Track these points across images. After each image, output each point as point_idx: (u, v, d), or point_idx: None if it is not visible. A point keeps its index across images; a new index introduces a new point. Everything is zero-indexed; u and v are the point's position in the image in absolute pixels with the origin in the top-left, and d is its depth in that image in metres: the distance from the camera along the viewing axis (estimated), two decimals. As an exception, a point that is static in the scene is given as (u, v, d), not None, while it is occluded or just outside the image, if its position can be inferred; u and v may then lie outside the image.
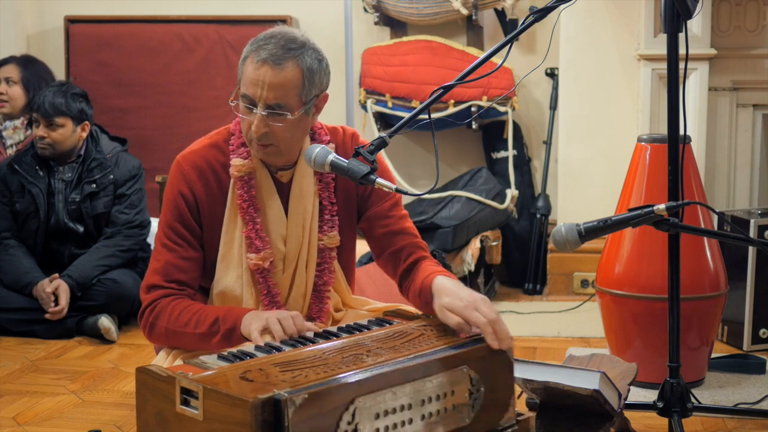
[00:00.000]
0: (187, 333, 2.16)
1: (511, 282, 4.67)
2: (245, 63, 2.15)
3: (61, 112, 3.83)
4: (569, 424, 2.29)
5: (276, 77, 2.11)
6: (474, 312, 1.96)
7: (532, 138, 4.80)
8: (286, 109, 2.13)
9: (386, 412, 1.75)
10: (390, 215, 2.32)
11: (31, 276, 3.80)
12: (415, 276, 2.23)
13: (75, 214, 3.89)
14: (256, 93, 2.12)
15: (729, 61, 4.23)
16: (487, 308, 1.97)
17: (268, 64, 2.11)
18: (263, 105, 2.12)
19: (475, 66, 2.23)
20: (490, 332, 1.94)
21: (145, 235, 4.02)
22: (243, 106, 2.16)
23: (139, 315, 2.26)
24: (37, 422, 2.83)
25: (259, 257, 2.24)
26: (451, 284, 2.08)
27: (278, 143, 2.17)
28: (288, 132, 2.17)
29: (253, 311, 2.13)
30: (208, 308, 2.19)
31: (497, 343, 1.94)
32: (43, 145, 3.85)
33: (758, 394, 2.96)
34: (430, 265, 2.25)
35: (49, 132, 3.83)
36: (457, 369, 1.88)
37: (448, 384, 1.86)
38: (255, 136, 2.15)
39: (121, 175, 3.95)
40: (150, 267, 2.26)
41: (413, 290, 2.22)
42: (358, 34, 4.73)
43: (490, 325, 1.94)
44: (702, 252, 3.03)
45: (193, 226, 2.25)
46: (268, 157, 2.21)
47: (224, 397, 1.64)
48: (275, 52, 2.11)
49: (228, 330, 2.12)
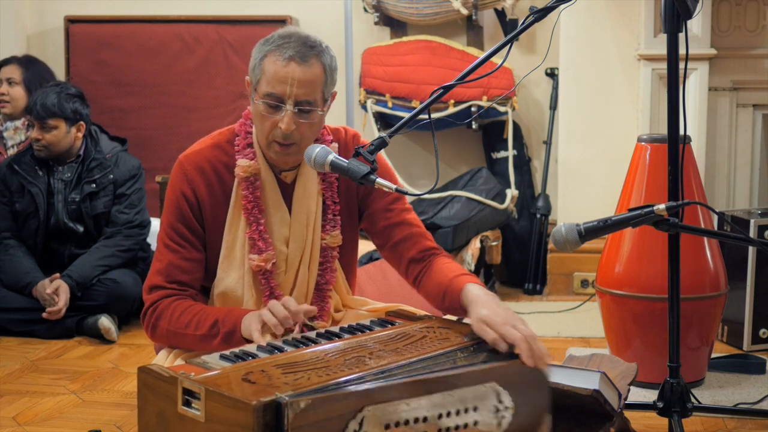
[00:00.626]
0: (187, 335, 2.16)
1: (511, 282, 4.67)
2: (264, 62, 2.14)
3: (53, 113, 3.82)
4: (569, 424, 2.29)
5: (305, 74, 2.12)
6: (511, 329, 1.93)
7: (532, 138, 4.80)
8: (314, 105, 2.15)
9: (398, 424, 1.71)
10: (391, 208, 2.31)
11: (31, 276, 3.80)
12: (432, 271, 2.21)
13: (75, 214, 3.89)
14: (285, 90, 2.11)
15: (729, 61, 4.23)
16: (523, 326, 1.95)
17: (295, 61, 2.11)
18: (293, 102, 2.12)
19: (475, 66, 2.23)
20: (526, 349, 1.91)
21: (145, 234, 4.02)
22: (266, 106, 2.14)
23: (141, 315, 2.26)
24: (37, 422, 2.83)
25: (262, 258, 2.24)
26: (486, 297, 2.05)
27: (301, 142, 2.17)
28: (312, 129, 2.18)
29: (252, 312, 2.13)
30: (209, 310, 2.18)
31: (532, 361, 1.91)
32: (39, 147, 3.86)
33: (758, 394, 2.97)
34: (449, 262, 2.22)
35: (43, 134, 3.83)
36: (483, 384, 1.83)
37: (472, 399, 1.81)
38: (283, 134, 2.14)
39: (121, 175, 3.94)
40: (152, 267, 2.26)
41: (433, 286, 2.19)
42: (358, 34, 4.73)
43: (526, 342, 1.91)
44: (702, 252, 3.03)
45: (195, 226, 2.24)
46: (288, 157, 2.20)
47: (226, 399, 1.63)
48: (300, 49, 2.12)
49: (228, 333, 2.11)
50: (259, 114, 2.17)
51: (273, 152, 2.20)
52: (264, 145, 2.21)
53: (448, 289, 2.13)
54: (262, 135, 2.19)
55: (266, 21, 4.71)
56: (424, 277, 2.24)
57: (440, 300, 2.17)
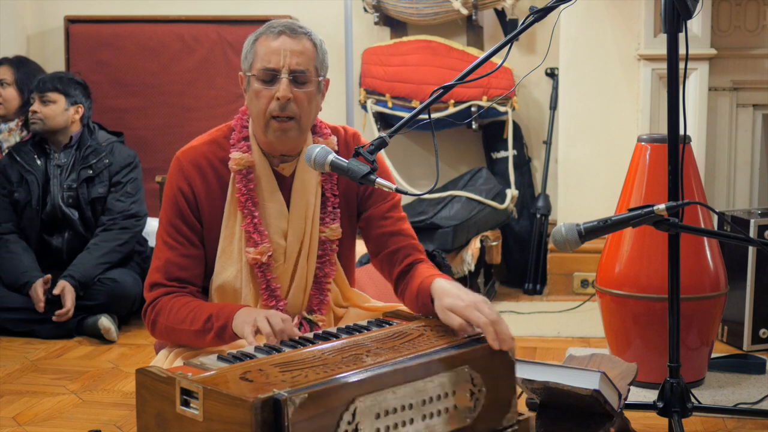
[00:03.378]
0: (183, 330, 2.17)
1: (511, 282, 4.67)
2: (256, 44, 2.22)
3: (55, 87, 3.92)
4: (569, 424, 2.29)
5: (296, 44, 2.19)
6: (475, 312, 1.97)
7: (532, 138, 4.80)
8: (308, 75, 2.19)
9: (387, 412, 1.75)
10: (388, 216, 2.32)
11: (28, 275, 3.80)
12: (411, 279, 2.23)
13: (71, 200, 3.90)
14: (279, 61, 2.17)
15: (729, 61, 4.23)
16: (488, 309, 1.98)
17: (285, 34, 2.20)
18: (287, 70, 2.17)
19: (475, 66, 2.23)
20: (492, 332, 1.95)
21: (141, 226, 4.03)
22: (260, 81, 2.19)
23: (142, 313, 2.27)
24: (37, 422, 2.83)
25: (257, 251, 2.24)
26: (451, 286, 2.08)
27: (299, 115, 2.19)
28: (308, 102, 2.20)
29: (245, 309, 2.13)
30: (205, 305, 2.19)
31: (498, 344, 1.95)
32: (34, 119, 3.91)
33: (758, 394, 2.96)
34: (427, 267, 2.25)
35: (41, 107, 3.90)
36: (458, 369, 1.88)
37: (449, 384, 1.86)
38: (279, 104, 2.16)
39: (117, 162, 3.97)
40: (152, 265, 2.27)
41: (410, 292, 2.21)
42: (358, 34, 4.73)
43: (492, 326, 1.95)
44: (702, 252, 3.03)
45: (192, 222, 2.25)
46: (286, 135, 2.20)
47: (224, 398, 1.64)
48: (289, 26, 2.22)
49: (220, 327, 2.12)
50: (254, 93, 2.20)
51: (271, 131, 2.20)
52: (262, 128, 2.21)
53: (420, 290, 2.15)
54: (259, 115, 2.21)
55: (266, 21, 4.69)
56: (405, 286, 2.26)
57: (417, 303, 2.18)
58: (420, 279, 2.18)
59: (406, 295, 2.25)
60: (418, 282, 2.18)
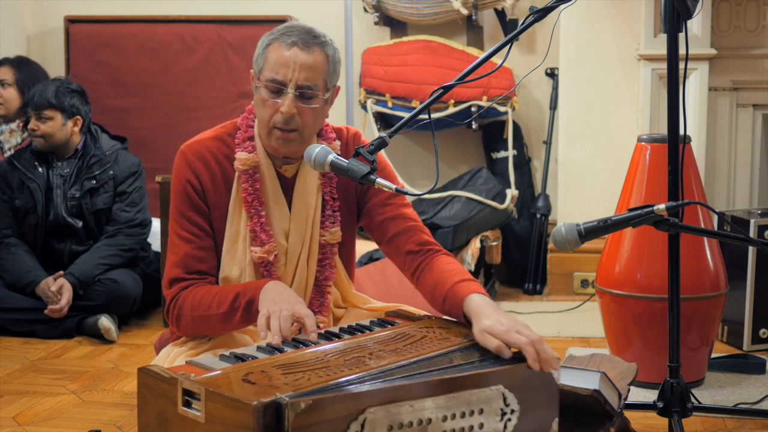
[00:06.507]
0: (211, 315, 2.16)
1: (511, 282, 4.67)
2: (268, 50, 2.18)
3: (50, 104, 3.86)
4: (569, 424, 2.29)
5: (307, 59, 2.16)
6: (515, 334, 1.91)
7: (532, 138, 4.80)
8: (315, 90, 2.17)
9: (401, 425, 1.69)
10: (389, 203, 2.32)
11: (33, 275, 3.80)
12: (432, 268, 2.20)
13: (74, 210, 3.89)
14: (287, 74, 2.15)
15: (729, 61, 4.23)
16: (528, 331, 1.92)
17: (297, 46, 2.16)
18: (294, 85, 2.15)
19: (475, 66, 2.23)
20: (532, 353, 1.88)
21: (146, 233, 4.02)
22: (268, 91, 2.17)
23: (165, 311, 2.26)
24: (37, 422, 2.83)
25: (264, 250, 2.24)
26: (488, 306, 2.02)
27: (302, 128, 2.18)
28: (313, 116, 2.19)
29: (272, 283, 2.13)
30: (228, 287, 2.19)
31: (538, 365, 1.88)
32: (35, 137, 3.89)
33: (758, 394, 2.97)
34: (452, 263, 2.21)
35: (39, 124, 3.86)
36: (489, 387, 1.81)
37: (477, 401, 1.79)
38: (283, 118, 2.15)
39: (121, 172, 3.95)
40: (168, 261, 2.25)
41: (433, 285, 2.18)
42: (358, 34, 4.73)
43: (532, 346, 1.88)
44: (702, 252, 3.03)
45: (205, 211, 2.25)
46: (288, 144, 2.20)
47: (226, 400, 1.63)
48: (303, 37, 2.17)
49: (248, 302, 2.11)
50: (261, 100, 2.19)
51: (274, 139, 2.20)
52: (265, 133, 2.21)
53: (450, 294, 2.12)
54: (263, 122, 2.20)
55: (266, 21, 4.70)
56: (423, 272, 2.23)
57: (440, 302, 2.16)
58: (449, 280, 2.13)
59: (423, 282, 2.22)
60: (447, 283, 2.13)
